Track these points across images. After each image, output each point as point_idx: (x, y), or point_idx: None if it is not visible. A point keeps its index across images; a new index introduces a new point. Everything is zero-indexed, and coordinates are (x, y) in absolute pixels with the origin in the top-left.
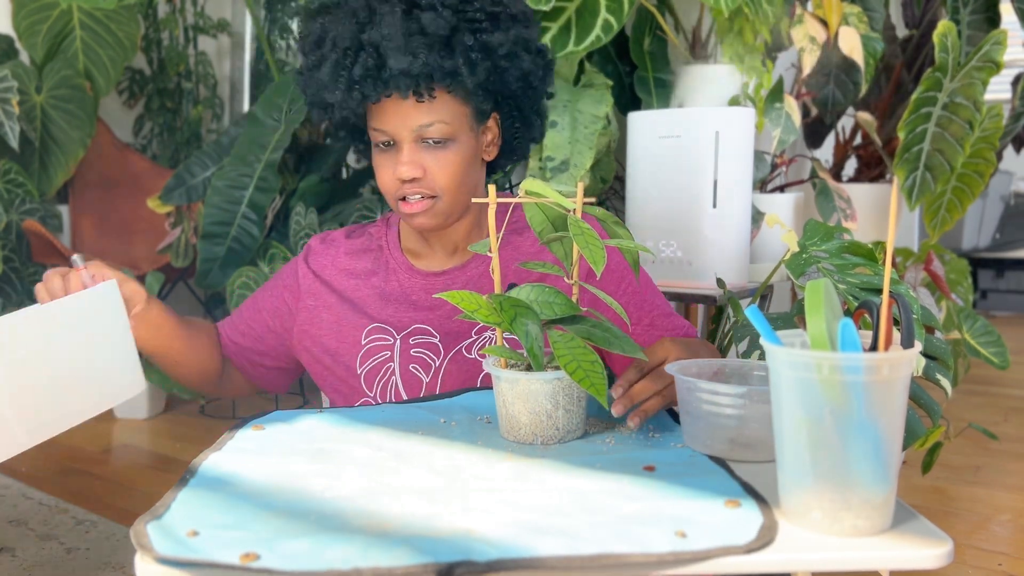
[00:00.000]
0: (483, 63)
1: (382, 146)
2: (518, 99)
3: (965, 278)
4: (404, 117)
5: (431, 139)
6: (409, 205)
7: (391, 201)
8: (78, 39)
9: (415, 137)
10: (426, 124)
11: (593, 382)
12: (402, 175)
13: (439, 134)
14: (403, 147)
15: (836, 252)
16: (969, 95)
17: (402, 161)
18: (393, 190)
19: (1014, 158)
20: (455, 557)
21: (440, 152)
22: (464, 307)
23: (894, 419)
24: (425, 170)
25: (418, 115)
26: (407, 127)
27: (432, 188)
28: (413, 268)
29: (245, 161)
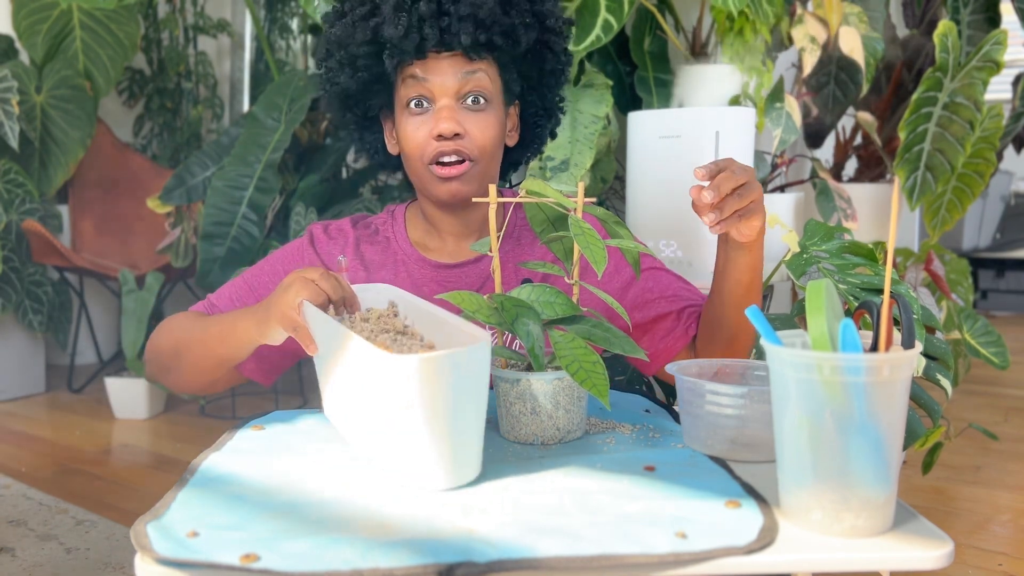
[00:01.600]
0: (533, 30)
1: (414, 107)
2: (543, 85)
3: (965, 278)
4: (449, 72)
5: (473, 95)
6: (446, 169)
7: (419, 169)
8: (78, 39)
9: (456, 94)
10: (471, 71)
11: (594, 382)
12: (444, 130)
13: (481, 87)
14: (442, 103)
15: (836, 252)
16: (969, 95)
17: (442, 117)
18: (429, 151)
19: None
20: (455, 558)
21: (480, 114)
22: (465, 307)
23: (895, 419)
24: (466, 130)
25: (463, 71)
26: (453, 81)
27: (471, 150)
28: (424, 259)
29: (245, 161)
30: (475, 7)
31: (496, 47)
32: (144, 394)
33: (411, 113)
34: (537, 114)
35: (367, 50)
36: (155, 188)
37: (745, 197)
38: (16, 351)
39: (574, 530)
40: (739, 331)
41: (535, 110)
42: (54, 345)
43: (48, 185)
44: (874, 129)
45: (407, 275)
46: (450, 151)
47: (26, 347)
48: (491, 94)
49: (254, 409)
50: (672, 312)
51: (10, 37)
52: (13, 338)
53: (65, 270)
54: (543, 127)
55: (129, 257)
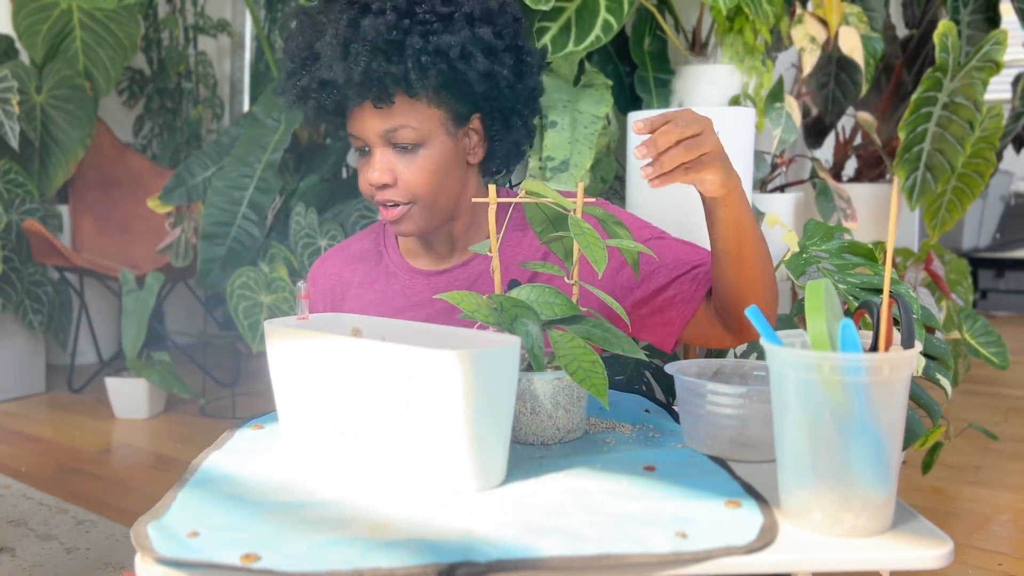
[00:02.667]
0: (436, 66)
1: (360, 152)
2: (495, 100)
3: (965, 278)
4: (368, 123)
5: (399, 144)
6: (386, 211)
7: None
8: (78, 39)
9: (384, 142)
10: (390, 129)
11: (593, 382)
12: (373, 181)
13: (405, 139)
14: (375, 152)
15: (836, 252)
16: (969, 95)
17: (372, 166)
18: (369, 196)
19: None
20: (456, 558)
21: (411, 157)
22: (464, 307)
23: (894, 419)
24: (396, 176)
25: (380, 121)
26: (374, 132)
27: (404, 194)
28: (413, 269)
29: (245, 161)
30: (350, 68)
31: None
32: (144, 394)
33: (360, 156)
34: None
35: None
36: (155, 188)
37: (693, 149)
38: (16, 351)
39: (574, 530)
40: (747, 291)
41: (493, 124)
42: (54, 345)
43: (48, 185)
44: (874, 129)
45: (400, 287)
46: (384, 199)
47: (26, 347)
48: (421, 134)
49: (254, 409)
50: (673, 280)
51: (10, 37)
52: (13, 338)
53: (65, 270)
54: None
55: (129, 257)
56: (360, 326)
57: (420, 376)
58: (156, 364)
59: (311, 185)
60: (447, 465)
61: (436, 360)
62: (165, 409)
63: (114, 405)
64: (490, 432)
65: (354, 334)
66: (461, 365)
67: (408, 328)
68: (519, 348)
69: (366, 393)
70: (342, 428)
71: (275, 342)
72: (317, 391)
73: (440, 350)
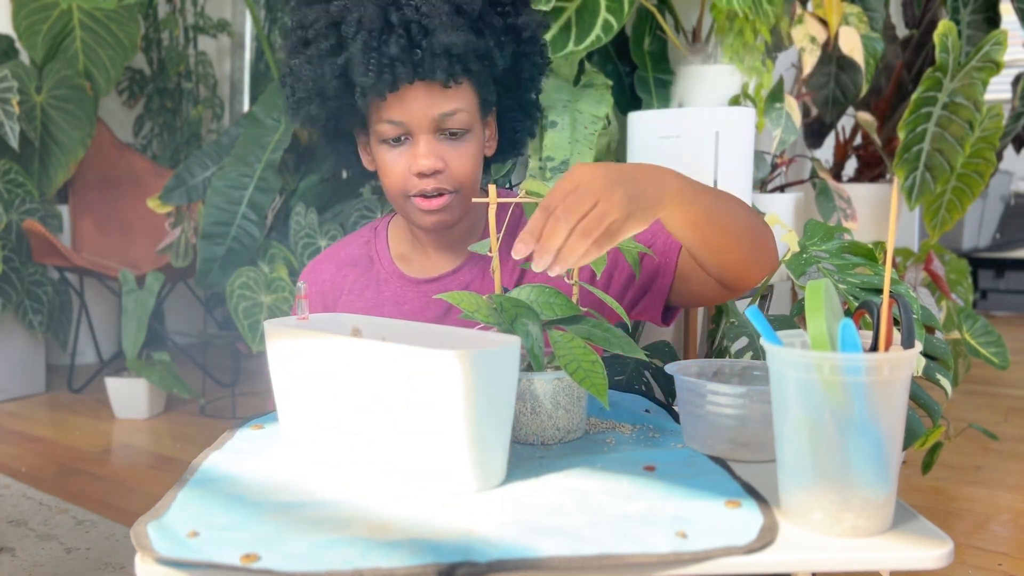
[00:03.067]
0: (510, 46)
1: (391, 142)
2: (520, 90)
3: (965, 278)
4: (426, 106)
5: (451, 130)
6: (428, 202)
7: (399, 200)
8: (78, 39)
9: (432, 128)
10: (448, 113)
11: (593, 382)
12: (423, 168)
13: (459, 124)
14: (419, 139)
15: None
16: (969, 95)
17: (421, 154)
18: (410, 186)
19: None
20: (456, 557)
21: (459, 144)
22: (464, 307)
23: (895, 419)
24: (446, 163)
25: (442, 102)
26: (428, 116)
27: (452, 182)
28: (405, 276)
29: (245, 161)
30: (450, 43)
31: (472, 72)
32: (144, 394)
33: (388, 147)
34: (516, 118)
35: (335, 84)
36: (155, 188)
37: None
38: (16, 351)
39: (574, 530)
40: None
41: (514, 114)
42: (54, 345)
43: (48, 185)
44: (874, 129)
45: (390, 294)
46: (431, 188)
47: (26, 347)
48: (470, 120)
49: (254, 409)
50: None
51: (10, 37)
52: (13, 338)
53: (65, 270)
54: (521, 130)
55: (129, 257)
56: (360, 326)
57: (420, 376)
58: (156, 364)
59: (311, 185)
60: (447, 465)
61: (436, 360)
62: (165, 409)
63: (114, 405)
64: (490, 432)
65: (354, 334)
66: (461, 365)
67: (408, 328)
68: (519, 348)
69: (366, 393)
70: (342, 428)
71: (275, 342)
72: (317, 391)
73: (440, 350)
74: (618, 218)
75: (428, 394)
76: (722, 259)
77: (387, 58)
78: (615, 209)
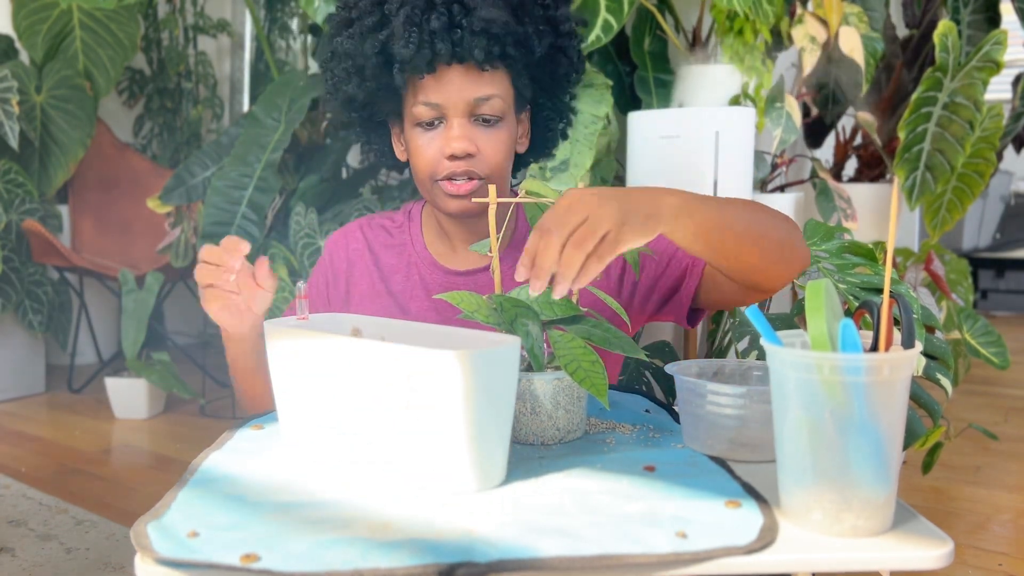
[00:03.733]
0: (547, 37)
1: (425, 126)
2: (555, 89)
3: (965, 278)
4: (462, 88)
5: (484, 115)
6: (456, 186)
7: (427, 184)
8: (78, 39)
9: (467, 112)
10: (484, 97)
11: (593, 382)
12: (456, 150)
13: (493, 110)
14: (453, 122)
15: (836, 252)
16: (969, 95)
17: (454, 136)
18: (440, 169)
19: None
20: (456, 558)
21: (492, 131)
22: (464, 307)
23: (895, 419)
24: (478, 148)
25: (478, 86)
26: (464, 99)
27: (481, 169)
28: (437, 264)
29: (245, 161)
30: (488, 20)
31: (509, 57)
32: (144, 394)
33: (421, 131)
34: (549, 117)
35: (376, 61)
36: (155, 188)
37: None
38: (16, 351)
39: (574, 530)
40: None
41: (547, 113)
42: (54, 345)
43: (48, 185)
44: (874, 129)
45: (419, 279)
46: (461, 171)
47: (26, 347)
48: (504, 108)
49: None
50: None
51: (10, 37)
52: (13, 338)
53: (65, 270)
54: (554, 130)
55: (129, 257)
56: (360, 326)
57: (420, 376)
58: (156, 364)
59: (311, 185)
60: (447, 465)
61: (436, 360)
62: (165, 409)
63: (114, 405)
64: (490, 432)
65: (354, 334)
66: (461, 365)
67: (408, 328)
68: (519, 348)
69: (366, 393)
70: (342, 428)
71: (275, 342)
72: (317, 391)
73: (440, 350)
74: (611, 228)
75: (428, 394)
76: (741, 264)
77: (427, 33)
78: (607, 219)
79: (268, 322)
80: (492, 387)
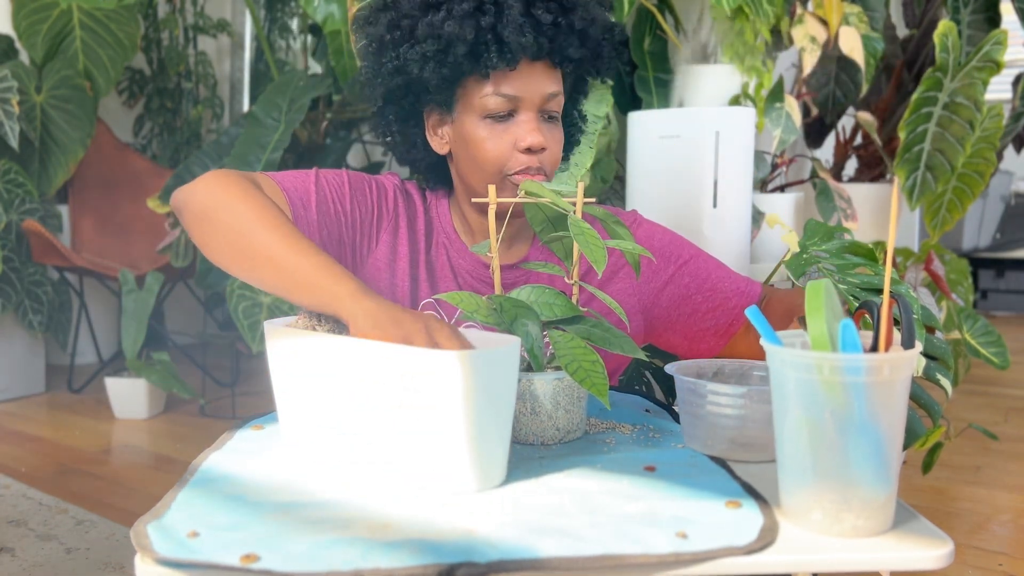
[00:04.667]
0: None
1: (496, 118)
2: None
3: (965, 278)
4: (542, 83)
5: (551, 112)
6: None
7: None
8: (78, 39)
9: (538, 107)
10: (554, 93)
11: (593, 382)
12: (534, 143)
13: (558, 107)
14: (526, 116)
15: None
16: (970, 95)
17: (531, 129)
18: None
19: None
20: (456, 558)
21: (555, 128)
22: (464, 307)
23: (895, 419)
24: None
25: (553, 83)
26: (541, 94)
27: (547, 164)
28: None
29: (245, 161)
30: (588, 22)
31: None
32: (144, 394)
33: (489, 124)
34: (572, 122)
35: (463, 48)
36: (155, 188)
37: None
38: (16, 351)
39: (575, 530)
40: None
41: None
42: (54, 345)
43: (48, 185)
44: (874, 129)
45: (447, 259)
46: (536, 165)
47: (26, 347)
48: (561, 109)
49: (254, 409)
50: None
51: (10, 37)
52: (13, 338)
53: (65, 270)
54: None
55: (129, 257)
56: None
57: (420, 376)
58: (156, 364)
59: None
60: (447, 465)
61: (436, 360)
62: (165, 409)
63: (114, 405)
64: (490, 432)
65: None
66: (461, 365)
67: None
68: (519, 348)
69: (366, 393)
70: (342, 428)
71: (275, 342)
72: (317, 391)
73: (440, 350)
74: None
75: (428, 394)
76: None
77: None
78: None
79: (268, 322)
80: (492, 387)
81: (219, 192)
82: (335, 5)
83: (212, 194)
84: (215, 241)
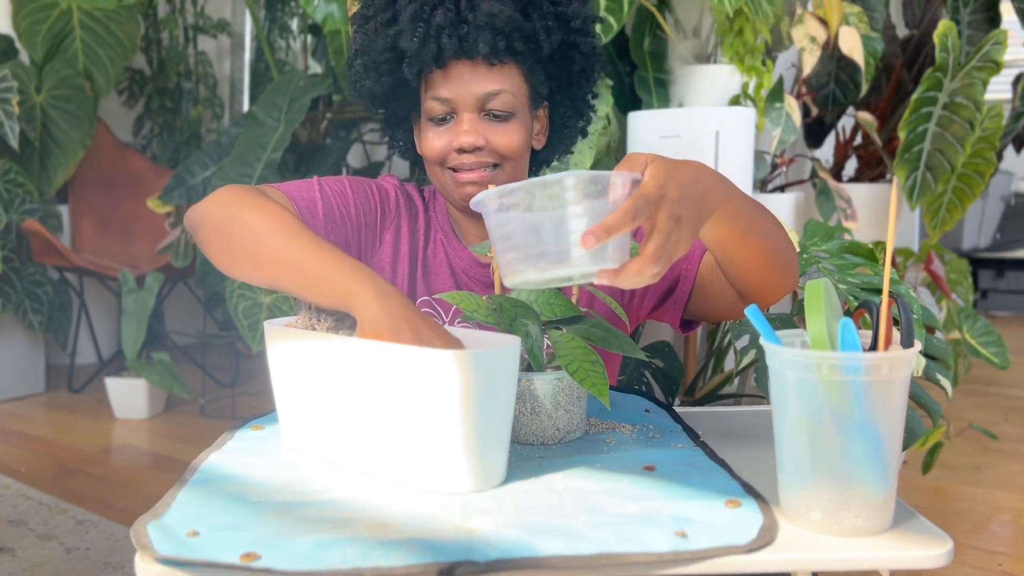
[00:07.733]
0: (556, 33)
1: (438, 121)
2: (572, 86)
3: (965, 278)
4: (471, 83)
5: (494, 111)
6: (465, 173)
7: (436, 171)
8: (78, 39)
9: (478, 107)
10: (492, 92)
11: (593, 382)
12: (464, 143)
13: (503, 106)
14: (463, 116)
15: (836, 252)
16: (969, 95)
17: (463, 130)
18: (449, 161)
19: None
20: (456, 557)
21: (503, 126)
22: (464, 307)
23: (894, 419)
24: (487, 141)
25: (486, 82)
26: (472, 94)
27: (493, 155)
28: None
29: (245, 161)
30: (493, 15)
31: (517, 53)
32: (144, 394)
33: (433, 126)
34: (566, 115)
35: (388, 57)
36: (155, 188)
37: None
38: (16, 351)
39: (574, 530)
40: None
41: (564, 111)
42: (54, 345)
43: (48, 185)
44: (874, 129)
45: (445, 256)
46: (471, 163)
47: (26, 347)
48: (515, 104)
49: (254, 409)
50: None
51: (10, 37)
52: (13, 338)
53: (65, 270)
54: (572, 127)
55: (129, 257)
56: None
57: (420, 376)
58: (156, 364)
59: None
60: (447, 465)
61: (435, 360)
62: (165, 409)
63: (114, 405)
64: (490, 432)
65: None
66: (460, 365)
67: None
68: (519, 348)
69: (366, 393)
70: (342, 428)
71: (275, 342)
72: (317, 391)
73: (439, 350)
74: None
75: (428, 394)
76: (747, 277)
77: (433, 28)
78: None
79: (268, 322)
80: (492, 387)
81: (231, 205)
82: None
83: (225, 207)
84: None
